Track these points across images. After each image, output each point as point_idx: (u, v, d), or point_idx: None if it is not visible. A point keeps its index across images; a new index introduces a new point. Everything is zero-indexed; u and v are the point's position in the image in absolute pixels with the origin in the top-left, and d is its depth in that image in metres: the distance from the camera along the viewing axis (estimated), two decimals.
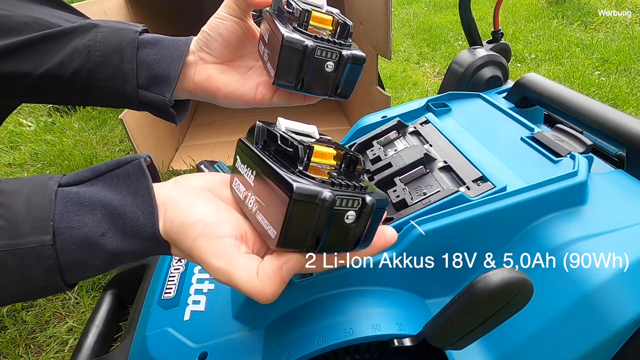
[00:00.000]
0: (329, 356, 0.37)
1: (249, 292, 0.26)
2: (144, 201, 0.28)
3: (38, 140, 1.28)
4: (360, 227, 0.27)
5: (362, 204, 0.26)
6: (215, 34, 0.39)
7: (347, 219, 0.26)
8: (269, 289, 0.26)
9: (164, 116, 0.41)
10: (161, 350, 0.43)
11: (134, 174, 0.29)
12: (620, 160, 0.53)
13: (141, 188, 0.29)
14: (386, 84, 1.62)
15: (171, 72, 0.39)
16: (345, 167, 0.28)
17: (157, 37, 0.40)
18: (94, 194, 0.28)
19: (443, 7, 2.79)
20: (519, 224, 0.40)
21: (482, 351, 0.37)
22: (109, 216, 0.27)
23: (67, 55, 0.38)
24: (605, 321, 0.33)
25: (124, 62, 0.39)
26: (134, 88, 0.39)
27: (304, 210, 0.24)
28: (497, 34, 0.78)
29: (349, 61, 0.34)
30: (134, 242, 0.28)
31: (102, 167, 0.29)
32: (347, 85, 0.36)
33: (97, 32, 0.39)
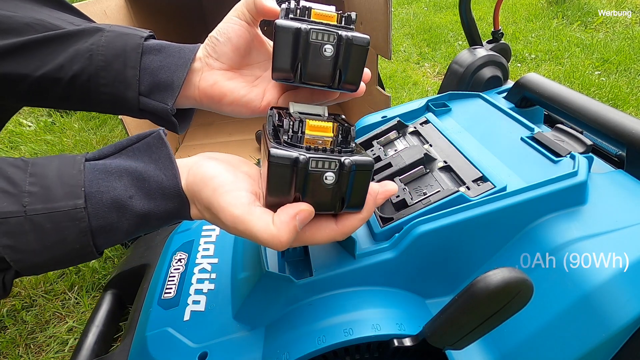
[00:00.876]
0: (329, 356, 0.37)
1: (264, 239, 0.28)
2: (165, 165, 0.31)
3: (38, 140, 1.28)
4: (342, 188, 0.30)
5: (339, 166, 0.29)
6: (224, 39, 0.38)
7: (326, 180, 0.29)
8: (284, 236, 0.28)
9: (165, 125, 0.41)
10: (161, 350, 0.43)
11: (154, 144, 0.32)
12: (620, 160, 0.53)
13: (162, 155, 0.31)
14: (386, 84, 1.62)
15: (175, 80, 0.38)
16: (342, 137, 0.31)
17: (163, 43, 0.40)
18: (119, 163, 0.30)
19: (443, 7, 2.78)
20: (519, 224, 0.40)
21: (482, 351, 0.37)
22: (135, 181, 0.30)
23: (67, 58, 0.37)
24: (605, 321, 0.33)
25: (127, 68, 0.38)
26: (135, 95, 0.38)
27: (281, 172, 0.28)
28: (497, 34, 0.78)
29: (350, 42, 0.32)
30: (159, 203, 0.31)
31: (123, 142, 0.32)
32: (352, 72, 0.34)
33: (100, 36, 0.38)
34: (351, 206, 0.31)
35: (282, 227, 0.28)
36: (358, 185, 0.30)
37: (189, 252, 0.55)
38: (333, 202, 0.30)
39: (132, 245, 0.73)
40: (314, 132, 0.30)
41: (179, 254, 0.56)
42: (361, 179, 0.30)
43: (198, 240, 0.57)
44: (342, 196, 0.30)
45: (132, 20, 0.93)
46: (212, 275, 0.50)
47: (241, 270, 0.47)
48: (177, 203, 0.31)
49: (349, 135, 0.31)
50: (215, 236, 0.57)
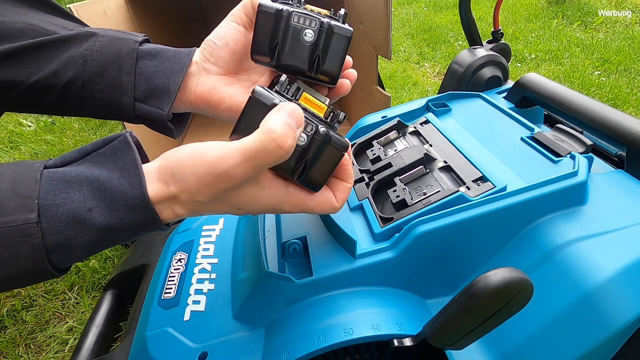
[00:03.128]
0: (329, 356, 0.37)
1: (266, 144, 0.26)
2: (130, 173, 0.28)
3: (38, 140, 1.28)
4: (308, 152, 0.30)
5: (314, 130, 0.29)
6: (222, 43, 0.38)
7: (299, 141, 0.29)
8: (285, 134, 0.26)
9: (161, 130, 0.40)
10: (161, 350, 0.43)
11: (119, 149, 0.29)
12: (620, 160, 0.53)
13: (128, 161, 0.28)
14: (386, 84, 1.62)
15: (170, 85, 0.37)
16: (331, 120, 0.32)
17: (159, 48, 0.39)
18: (80, 171, 0.27)
19: (443, 7, 2.78)
20: (519, 224, 0.40)
21: (482, 351, 0.37)
22: (95, 191, 0.27)
23: (61, 64, 0.36)
24: (605, 321, 0.33)
25: (122, 74, 0.37)
26: (130, 100, 0.38)
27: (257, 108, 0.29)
28: (497, 34, 0.78)
29: (331, 30, 0.32)
30: (122, 215, 0.28)
31: (88, 147, 0.29)
32: (330, 62, 0.33)
33: (94, 41, 0.37)
34: (309, 180, 0.31)
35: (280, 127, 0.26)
36: (325, 161, 0.30)
37: (189, 252, 0.55)
38: (295, 164, 0.30)
39: (132, 245, 0.73)
40: (306, 104, 0.31)
41: (179, 254, 0.56)
42: (330, 157, 0.31)
43: (198, 240, 0.57)
44: (305, 163, 0.30)
45: (132, 20, 0.93)
46: (212, 275, 0.50)
47: (241, 270, 0.47)
48: (143, 214, 0.28)
49: (337, 119, 0.32)
50: (215, 236, 0.57)
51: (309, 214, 0.48)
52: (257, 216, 0.49)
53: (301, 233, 0.45)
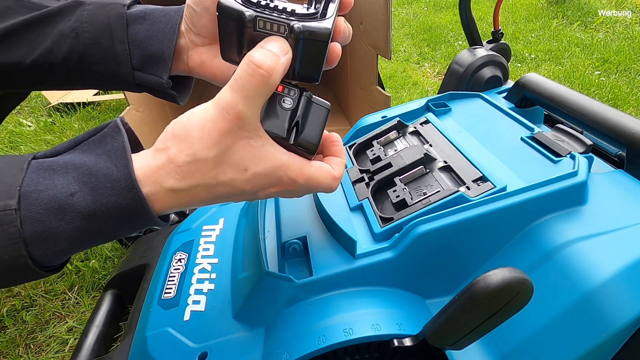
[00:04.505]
0: (329, 356, 0.37)
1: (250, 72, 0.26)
2: (117, 156, 0.27)
3: (38, 140, 1.28)
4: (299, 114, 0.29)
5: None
6: (200, 9, 0.35)
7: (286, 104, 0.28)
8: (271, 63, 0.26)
9: (165, 97, 0.39)
10: (161, 350, 0.43)
11: (109, 135, 0.28)
12: (620, 160, 0.53)
13: (116, 145, 0.27)
14: (386, 84, 1.62)
15: (165, 51, 0.36)
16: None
17: (147, 9, 0.37)
18: (68, 159, 0.26)
19: (443, 7, 2.78)
20: (519, 224, 0.40)
21: (482, 351, 0.37)
22: (80, 176, 0.26)
23: (54, 40, 0.36)
24: (605, 321, 0.33)
25: (115, 43, 0.36)
26: (129, 70, 0.37)
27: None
28: (497, 34, 0.78)
29: (301, 37, 0.27)
30: (106, 199, 0.26)
31: (79, 137, 0.28)
32: (306, 67, 0.29)
33: (82, 10, 0.36)
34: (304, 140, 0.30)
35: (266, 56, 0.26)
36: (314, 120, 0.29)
37: (189, 252, 0.55)
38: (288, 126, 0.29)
39: (132, 245, 0.73)
40: None
41: (179, 254, 0.56)
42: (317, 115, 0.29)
43: (198, 240, 0.57)
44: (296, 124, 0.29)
45: None
46: (212, 275, 0.50)
47: (241, 270, 0.47)
48: (129, 198, 0.26)
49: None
50: (215, 236, 0.57)
51: (308, 214, 0.48)
52: (257, 215, 0.49)
53: (301, 233, 0.45)
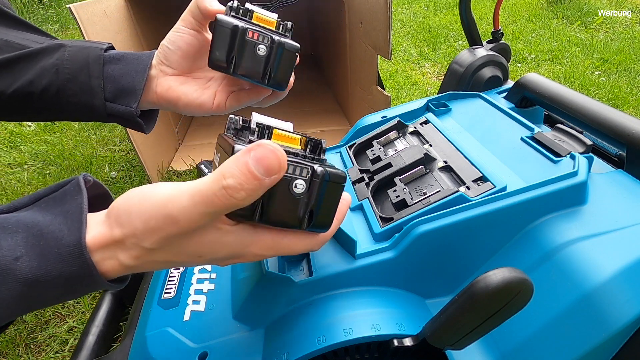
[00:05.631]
0: (329, 356, 0.37)
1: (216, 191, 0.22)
2: (73, 218, 0.25)
3: (38, 140, 1.28)
4: (312, 200, 0.26)
5: (312, 173, 0.26)
6: (174, 47, 0.41)
7: (296, 188, 0.25)
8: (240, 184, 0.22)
9: (132, 126, 0.44)
10: (161, 350, 0.42)
11: (69, 193, 0.26)
12: (620, 160, 0.53)
13: (74, 205, 0.25)
14: (386, 84, 1.62)
15: (136, 85, 0.41)
16: (310, 150, 0.29)
17: (122, 53, 0.43)
18: (22, 217, 0.25)
19: (443, 7, 2.78)
20: (519, 224, 0.40)
21: (482, 351, 0.37)
22: (30, 238, 0.24)
23: (36, 74, 0.40)
24: (605, 321, 0.33)
25: (91, 78, 0.41)
26: (102, 102, 0.42)
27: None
28: (497, 34, 0.78)
29: (281, 47, 0.37)
30: (52, 265, 0.23)
31: (41, 192, 0.27)
32: (281, 73, 0.38)
33: (64, 51, 0.41)
34: (318, 224, 0.28)
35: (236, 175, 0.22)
36: (328, 199, 0.27)
37: None
38: (301, 215, 0.27)
39: None
40: (281, 142, 0.28)
41: None
42: (332, 193, 0.27)
43: None
44: (311, 209, 0.27)
45: (132, 20, 0.93)
46: (212, 275, 0.50)
47: (241, 270, 0.47)
48: (77, 265, 0.24)
49: (320, 148, 0.29)
50: None
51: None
52: None
53: None
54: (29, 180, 1.09)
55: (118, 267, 0.25)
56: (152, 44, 1.03)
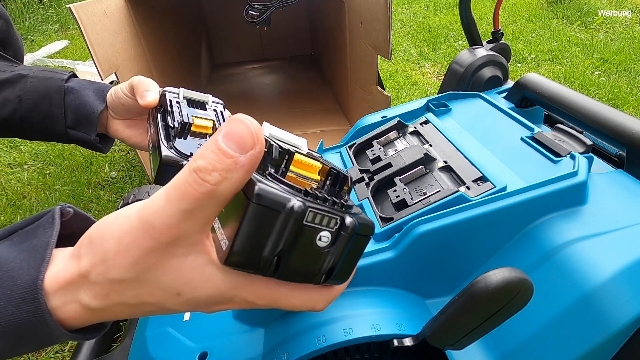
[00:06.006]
0: (329, 356, 0.37)
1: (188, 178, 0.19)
2: (37, 254, 0.22)
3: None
4: (336, 255, 0.22)
5: (340, 225, 0.21)
6: (117, 103, 0.47)
7: (320, 241, 0.21)
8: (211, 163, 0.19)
9: (93, 149, 0.51)
10: (161, 350, 0.43)
11: (42, 226, 0.23)
12: (620, 160, 0.53)
13: (43, 239, 0.22)
14: (386, 84, 1.62)
15: (92, 118, 0.47)
16: (331, 184, 0.24)
17: (81, 84, 0.49)
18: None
19: (443, 7, 2.78)
20: (519, 224, 0.40)
21: (482, 351, 0.37)
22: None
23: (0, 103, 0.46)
24: (605, 321, 0.33)
25: (53, 107, 0.47)
26: (63, 128, 0.47)
27: (265, 220, 0.19)
28: (497, 34, 0.78)
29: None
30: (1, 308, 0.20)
31: (17, 225, 0.24)
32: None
33: (26, 82, 0.46)
34: (338, 278, 0.24)
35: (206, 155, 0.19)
36: (353, 252, 0.23)
37: None
38: (320, 271, 0.22)
39: None
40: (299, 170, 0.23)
41: None
42: (359, 246, 0.23)
43: None
44: (334, 265, 0.22)
45: (132, 20, 0.93)
46: None
47: None
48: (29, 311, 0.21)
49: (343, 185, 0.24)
50: None
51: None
52: None
53: None
54: (29, 180, 1.09)
55: (81, 312, 0.22)
56: (152, 44, 1.03)
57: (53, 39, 2.41)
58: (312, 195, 0.21)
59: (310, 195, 0.21)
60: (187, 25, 1.45)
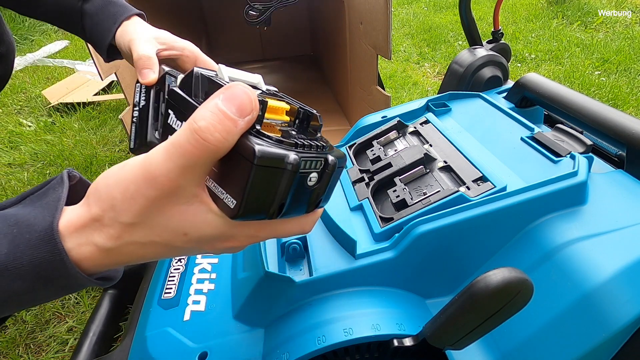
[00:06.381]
0: (329, 356, 0.37)
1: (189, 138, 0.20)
2: (50, 206, 0.24)
3: (38, 140, 1.28)
4: (322, 188, 0.25)
5: (324, 165, 0.24)
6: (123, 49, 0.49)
7: (310, 181, 0.24)
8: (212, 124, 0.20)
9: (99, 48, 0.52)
10: (161, 350, 0.42)
11: (52, 187, 0.25)
12: (620, 160, 0.53)
13: (54, 197, 0.24)
14: (386, 84, 1.62)
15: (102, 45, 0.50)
16: (299, 123, 0.27)
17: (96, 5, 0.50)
18: (4, 213, 0.24)
19: (443, 7, 2.78)
20: (519, 224, 0.40)
21: (482, 351, 0.37)
22: (4, 228, 0.23)
23: None
24: (605, 321, 0.33)
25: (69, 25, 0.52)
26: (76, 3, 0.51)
27: (269, 176, 0.22)
28: (497, 34, 0.78)
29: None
30: (21, 250, 0.22)
31: (27, 191, 0.26)
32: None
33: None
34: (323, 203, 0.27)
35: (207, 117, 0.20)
36: (334, 181, 0.26)
37: None
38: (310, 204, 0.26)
39: None
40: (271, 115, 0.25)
41: None
42: (337, 175, 0.26)
43: None
44: (321, 195, 0.26)
45: None
46: (212, 275, 0.50)
47: (241, 270, 0.47)
48: (46, 251, 0.22)
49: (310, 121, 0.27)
50: None
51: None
52: None
53: None
54: (29, 180, 1.09)
55: (96, 253, 0.23)
56: None
57: (53, 39, 2.41)
58: (300, 145, 0.23)
59: (299, 145, 0.23)
60: (187, 25, 1.45)
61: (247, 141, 0.21)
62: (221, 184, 0.23)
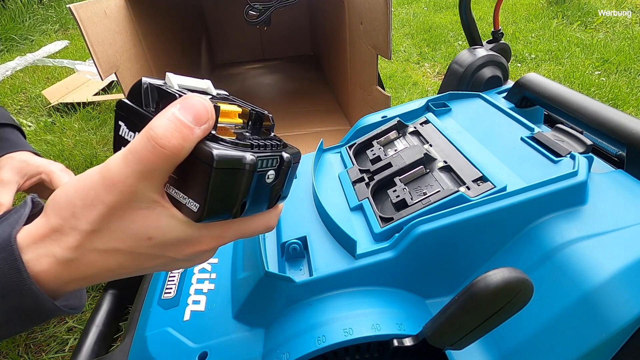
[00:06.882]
0: (329, 356, 0.37)
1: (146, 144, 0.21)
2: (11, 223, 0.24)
3: (38, 140, 1.28)
4: (280, 184, 0.27)
5: (280, 162, 0.26)
6: None
7: (268, 179, 0.25)
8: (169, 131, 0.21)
9: None
10: (161, 350, 0.42)
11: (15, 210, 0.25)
12: (620, 160, 0.53)
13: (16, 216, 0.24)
14: (386, 84, 1.62)
15: None
16: (252, 124, 0.28)
17: None
18: None
19: (443, 7, 2.78)
20: (519, 224, 0.40)
21: (482, 351, 0.37)
22: None
23: None
24: (605, 321, 0.33)
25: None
26: None
27: (229, 178, 0.22)
28: (497, 34, 0.78)
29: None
30: None
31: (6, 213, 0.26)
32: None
33: None
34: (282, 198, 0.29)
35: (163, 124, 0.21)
36: (291, 176, 0.28)
37: None
38: (271, 200, 0.27)
39: None
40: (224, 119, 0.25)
41: None
42: (294, 170, 0.28)
43: None
44: (279, 193, 0.28)
45: (132, 20, 0.93)
46: (212, 275, 0.50)
47: (241, 270, 0.47)
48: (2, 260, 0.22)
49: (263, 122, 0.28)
50: None
51: (308, 214, 0.48)
52: None
53: (301, 233, 0.45)
54: None
55: (54, 265, 0.22)
56: (152, 44, 1.03)
57: (53, 39, 2.41)
58: (255, 146, 0.24)
59: (255, 146, 0.24)
60: (187, 25, 1.45)
61: (204, 146, 0.22)
62: (182, 189, 0.23)
